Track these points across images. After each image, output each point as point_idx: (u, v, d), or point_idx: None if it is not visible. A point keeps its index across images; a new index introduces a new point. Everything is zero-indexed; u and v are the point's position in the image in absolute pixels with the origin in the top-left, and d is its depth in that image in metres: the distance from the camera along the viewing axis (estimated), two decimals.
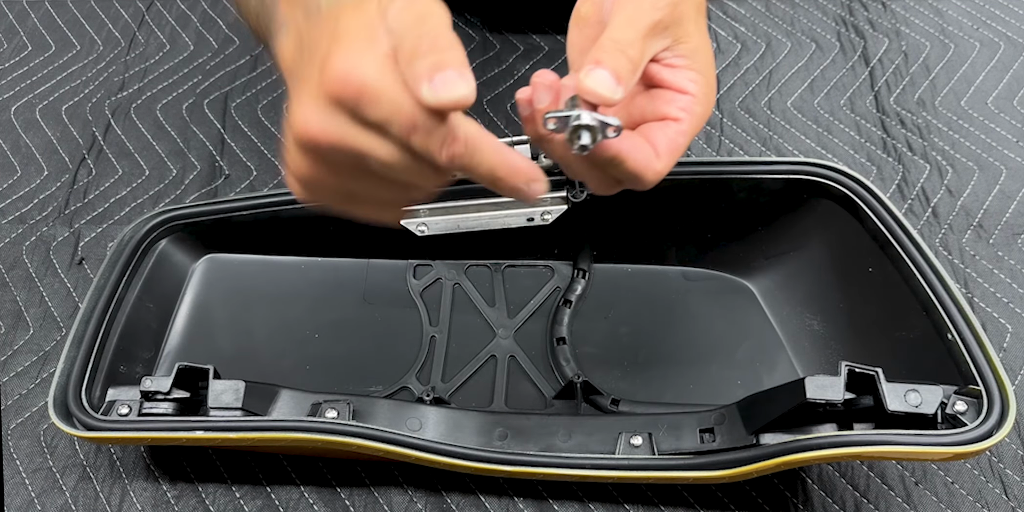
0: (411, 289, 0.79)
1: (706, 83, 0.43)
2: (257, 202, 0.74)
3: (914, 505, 0.69)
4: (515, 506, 0.69)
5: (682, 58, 0.43)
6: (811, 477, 0.70)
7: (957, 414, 0.56)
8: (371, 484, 0.70)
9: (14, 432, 0.74)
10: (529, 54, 0.99)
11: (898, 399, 0.55)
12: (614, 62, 0.40)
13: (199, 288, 0.77)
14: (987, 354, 0.58)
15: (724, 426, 0.62)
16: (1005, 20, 1.02)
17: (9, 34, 1.05)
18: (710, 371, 0.73)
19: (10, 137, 0.95)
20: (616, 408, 0.70)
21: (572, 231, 0.76)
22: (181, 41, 1.04)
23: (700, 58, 0.43)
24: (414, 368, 0.74)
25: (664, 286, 0.78)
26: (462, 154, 0.38)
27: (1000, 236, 0.84)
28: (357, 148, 0.37)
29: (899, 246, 0.65)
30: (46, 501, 0.70)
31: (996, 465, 0.70)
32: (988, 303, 0.80)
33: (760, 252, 0.76)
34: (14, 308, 0.81)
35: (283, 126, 0.42)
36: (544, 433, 0.64)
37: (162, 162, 0.92)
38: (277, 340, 0.76)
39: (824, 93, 0.96)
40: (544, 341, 0.76)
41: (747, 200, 0.73)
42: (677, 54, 0.43)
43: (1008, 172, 0.88)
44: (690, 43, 0.43)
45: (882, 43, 1.00)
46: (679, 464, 0.60)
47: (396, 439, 0.60)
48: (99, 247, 0.85)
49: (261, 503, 0.70)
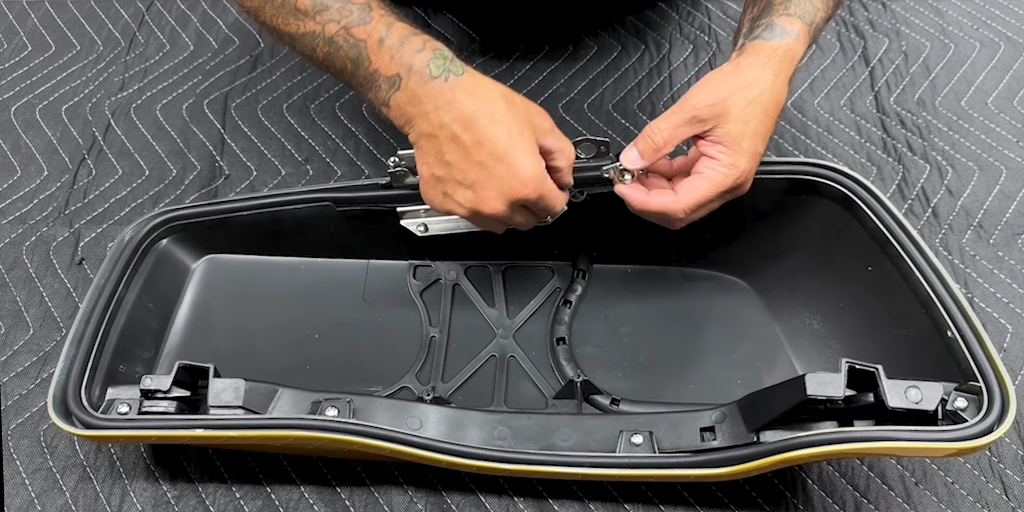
0: (411, 290, 0.79)
1: (731, 154, 0.60)
2: (257, 203, 0.74)
3: (914, 505, 0.69)
4: (515, 506, 0.69)
5: (716, 137, 0.61)
6: (811, 477, 0.70)
7: (958, 410, 0.56)
8: (371, 484, 0.70)
9: (14, 432, 0.74)
10: (529, 54, 0.99)
11: (899, 395, 0.55)
12: (643, 144, 0.63)
13: (199, 288, 0.77)
14: (987, 351, 0.58)
15: (725, 424, 0.62)
16: (1005, 20, 1.02)
17: (9, 34, 1.05)
18: (710, 371, 0.73)
19: (10, 137, 0.95)
20: (617, 407, 0.70)
21: (572, 232, 0.76)
22: (181, 41, 1.04)
23: (732, 137, 0.60)
24: (414, 368, 0.74)
25: (664, 286, 0.78)
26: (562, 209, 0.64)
27: (1000, 236, 0.84)
28: (514, 218, 0.62)
29: (898, 245, 0.65)
30: (46, 501, 0.70)
31: (996, 465, 0.70)
32: (988, 303, 0.80)
33: (759, 252, 0.76)
34: (14, 308, 0.81)
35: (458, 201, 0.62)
36: (545, 432, 0.64)
37: (162, 162, 0.92)
38: (277, 340, 0.76)
39: (824, 93, 0.96)
40: (544, 341, 0.76)
41: (746, 200, 0.72)
42: (714, 134, 0.61)
43: (1008, 172, 0.88)
44: (726, 127, 0.60)
45: (882, 43, 1.00)
46: (680, 462, 0.60)
47: (397, 437, 0.60)
48: (99, 247, 0.85)
49: (261, 503, 0.70)
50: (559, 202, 0.62)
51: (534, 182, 0.59)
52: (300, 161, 0.92)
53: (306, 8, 0.63)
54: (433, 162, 0.61)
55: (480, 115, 0.58)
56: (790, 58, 0.63)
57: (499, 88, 0.60)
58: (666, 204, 0.62)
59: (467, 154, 0.59)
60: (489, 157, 0.58)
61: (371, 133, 0.94)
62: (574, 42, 1.01)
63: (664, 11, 1.04)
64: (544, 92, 0.96)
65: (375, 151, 0.92)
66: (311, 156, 0.92)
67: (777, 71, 0.62)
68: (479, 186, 0.59)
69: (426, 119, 0.60)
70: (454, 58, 0.60)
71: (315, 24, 0.63)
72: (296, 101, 0.97)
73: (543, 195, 0.60)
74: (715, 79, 0.62)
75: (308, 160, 0.92)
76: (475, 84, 0.59)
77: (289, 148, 0.93)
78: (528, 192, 0.59)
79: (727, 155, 0.61)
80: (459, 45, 1.01)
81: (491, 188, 0.59)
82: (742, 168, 0.61)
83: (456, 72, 0.59)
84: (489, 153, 0.58)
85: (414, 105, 0.60)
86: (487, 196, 0.59)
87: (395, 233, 0.75)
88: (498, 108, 0.59)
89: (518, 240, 0.76)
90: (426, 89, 0.59)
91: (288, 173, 0.91)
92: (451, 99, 0.59)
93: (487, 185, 0.59)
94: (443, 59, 0.60)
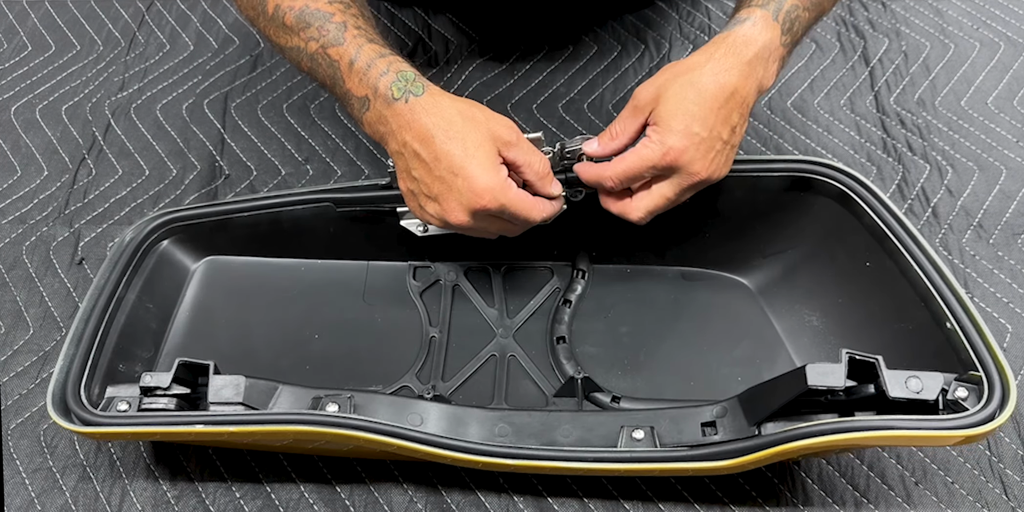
0: (411, 290, 0.79)
1: (660, 131, 0.63)
2: (257, 204, 0.74)
3: (914, 505, 0.69)
4: (514, 504, 0.69)
5: (652, 119, 0.65)
6: (811, 477, 0.70)
7: (958, 400, 0.56)
8: (371, 484, 0.70)
9: (14, 432, 0.74)
10: (528, 55, 0.99)
11: (899, 385, 0.55)
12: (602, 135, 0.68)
13: (199, 289, 0.77)
14: (986, 341, 0.58)
15: (726, 419, 0.62)
16: (1005, 20, 1.02)
17: (9, 34, 1.05)
18: (710, 369, 0.73)
19: (10, 137, 0.95)
20: (617, 405, 0.70)
21: (571, 231, 0.76)
22: (181, 41, 1.04)
23: (662, 117, 0.64)
24: (414, 368, 0.74)
25: (663, 286, 0.78)
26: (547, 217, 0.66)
27: (1000, 236, 0.84)
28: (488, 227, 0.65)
29: (896, 239, 0.65)
30: (46, 501, 0.70)
31: (996, 465, 0.70)
32: (988, 303, 0.80)
33: (758, 250, 0.76)
34: (14, 308, 0.81)
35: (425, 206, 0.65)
36: (546, 429, 0.63)
37: (162, 162, 0.92)
38: (277, 341, 0.76)
39: (824, 93, 0.96)
40: (544, 341, 0.76)
41: (744, 198, 0.73)
42: (652, 118, 0.65)
43: (1008, 172, 0.88)
44: (659, 109, 0.64)
45: (882, 43, 1.00)
46: (681, 455, 0.60)
47: (398, 432, 0.60)
48: (99, 247, 0.85)
49: (261, 503, 0.70)
50: (531, 211, 0.64)
51: (490, 193, 0.61)
52: (300, 161, 0.92)
53: (291, 24, 0.67)
54: (405, 177, 0.65)
55: (436, 132, 0.62)
56: (742, 43, 0.65)
57: (457, 105, 0.63)
58: (599, 172, 0.66)
59: (428, 170, 0.62)
60: (447, 171, 0.62)
61: None
62: (574, 42, 1.01)
63: (664, 11, 1.04)
64: (544, 92, 0.96)
65: (375, 151, 0.92)
66: (311, 156, 0.92)
67: (716, 58, 0.64)
68: (442, 199, 0.63)
69: (393, 138, 0.64)
70: (416, 78, 0.64)
71: (299, 40, 0.67)
72: (296, 101, 0.97)
73: (504, 205, 0.62)
74: (659, 72, 0.66)
75: (308, 160, 0.92)
76: (433, 103, 0.63)
77: (289, 148, 0.93)
78: (486, 202, 0.61)
79: (656, 133, 0.63)
80: (459, 45, 1.01)
81: (452, 200, 0.62)
82: (669, 145, 0.63)
83: (416, 93, 0.63)
84: (447, 168, 0.62)
85: (383, 124, 0.64)
86: (450, 208, 0.63)
87: (395, 234, 0.75)
88: (453, 125, 0.62)
89: (518, 240, 0.76)
90: (390, 110, 0.63)
91: (288, 173, 0.91)
92: (411, 119, 0.62)
93: (448, 198, 0.62)
94: (404, 81, 0.63)
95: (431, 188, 0.63)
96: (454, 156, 0.61)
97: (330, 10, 0.67)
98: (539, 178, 0.65)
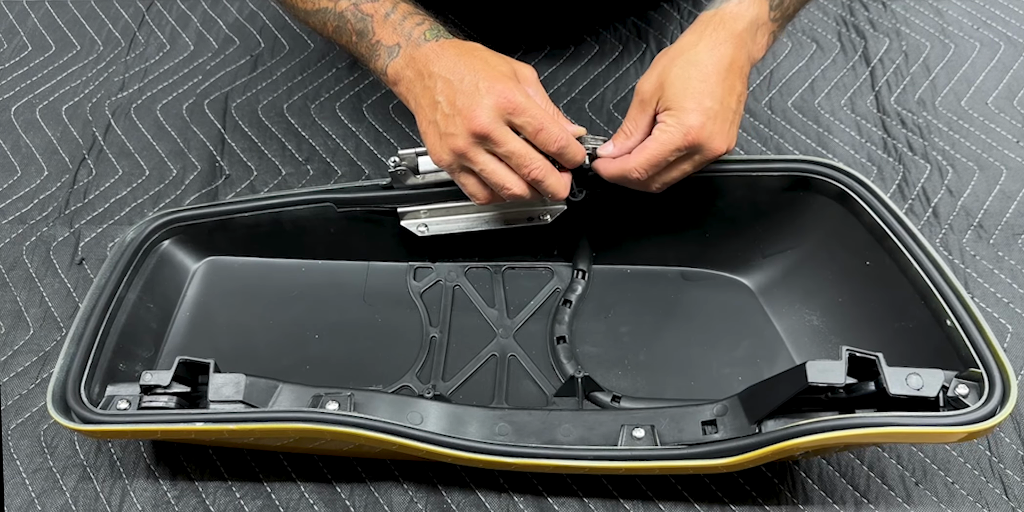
0: (411, 291, 0.79)
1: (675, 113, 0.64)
2: (258, 204, 0.74)
3: (914, 505, 0.69)
4: (514, 504, 0.69)
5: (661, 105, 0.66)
6: (811, 477, 0.70)
7: (959, 397, 0.56)
8: (371, 483, 0.70)
9: (14, 432, 0.74)
10: (530, 54, 0.99)
11: (900, 382, 0.55)
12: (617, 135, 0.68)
13: (200, 290, 0.77)
14: (986, 338, 0.58)
15: (726, 417, 0.62)
16: (1005, 20, 1.02)
17: (9, 34, 1.05)
18: (711, 368, 0.73)
19: (10, 137, 0.95)
20: (618, 404, 0.70)
21: (571, 231, 0.76)
22: (181, 41, 1.04)
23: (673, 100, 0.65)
24: (414, 368, 0.74)
25: (663, 286, 0.78)
26: (565, 145, 0.64)
27: (1000, 236, 0.84)
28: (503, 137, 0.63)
29: (896, 238, 0.65)
30: (46, 501, 0.70)
31: (996, 465, 0.70)
32: (988, 303, 0.80)
33: (758, 250, 0.76)
34: (14, 308, 0.81)
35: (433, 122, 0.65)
36: (546, 428, 0.63)
37: (162, 162, 0.92)
38: (277, 341, 0.76)
39: (825, 93, 0.96)
40: (545, 341, 0.76)
41: (744, 198, 0.73)
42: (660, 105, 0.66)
43: (1008, 172, 0.88)
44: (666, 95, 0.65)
45: (883, 43, 1.00)
46: (682, 453, 0.60)
47: (398, 430, 0.60)
48: (99, 247, 0.85)
49: (261, 503, 0.70)
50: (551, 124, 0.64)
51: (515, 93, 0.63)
52: (300, 161, 0.92)
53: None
54: (427, 108, 0.66)
55: (464, 59, 0.65)
56: (731, 18, 0.67)
57: (488, 51, 0.67)
58: (621, 165, 0.67)
59: (452, 88, 0.64)
60: (470, 84, 0.63)
61: (371, 133, 0.94)
62: (575, 42, 1.01)
63: (666, 10, 1.04)
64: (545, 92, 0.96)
65: (375, 151, 0.92)
66: (311, 156, 0.92)
67: (707, 34, 0.66)
68: (465, 108, 0.63)
69: (419, 77, 0.66)
70: (450, 31, 0.68)
71: (328, 1, 0.71)
72: (296, 101, 0.97)
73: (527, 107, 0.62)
74: (654, 61, 0.68)
75: (308, 160, 0.92)
76: (463, 43, 0.67)
77: (289, 148, 0.93)
78: (511, 97, 0.62)
79: (671, 116, 0.65)
80: None
81: (476, 106, 0.62)
82: (688, 124, 0.64)
83: (447, 37, 0.67)
84: (471, 81, 0.63)
85: (410, 67, 0.67)
86: (474, 115, 0.62)
87: (396, 235, 0.75)
88: (479, 54, 0.66)
89: (518, 241, 0.77)
90: (420, 50, 0.66)
91: (288, 173, 0.91)
92: (440, 53, 0.66)
93: (472, 103, 0.63)
94: (438, 29, 0.68)
95: (455, 103, 0.63)
96: (479, 71, 0.63)
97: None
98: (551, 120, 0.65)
